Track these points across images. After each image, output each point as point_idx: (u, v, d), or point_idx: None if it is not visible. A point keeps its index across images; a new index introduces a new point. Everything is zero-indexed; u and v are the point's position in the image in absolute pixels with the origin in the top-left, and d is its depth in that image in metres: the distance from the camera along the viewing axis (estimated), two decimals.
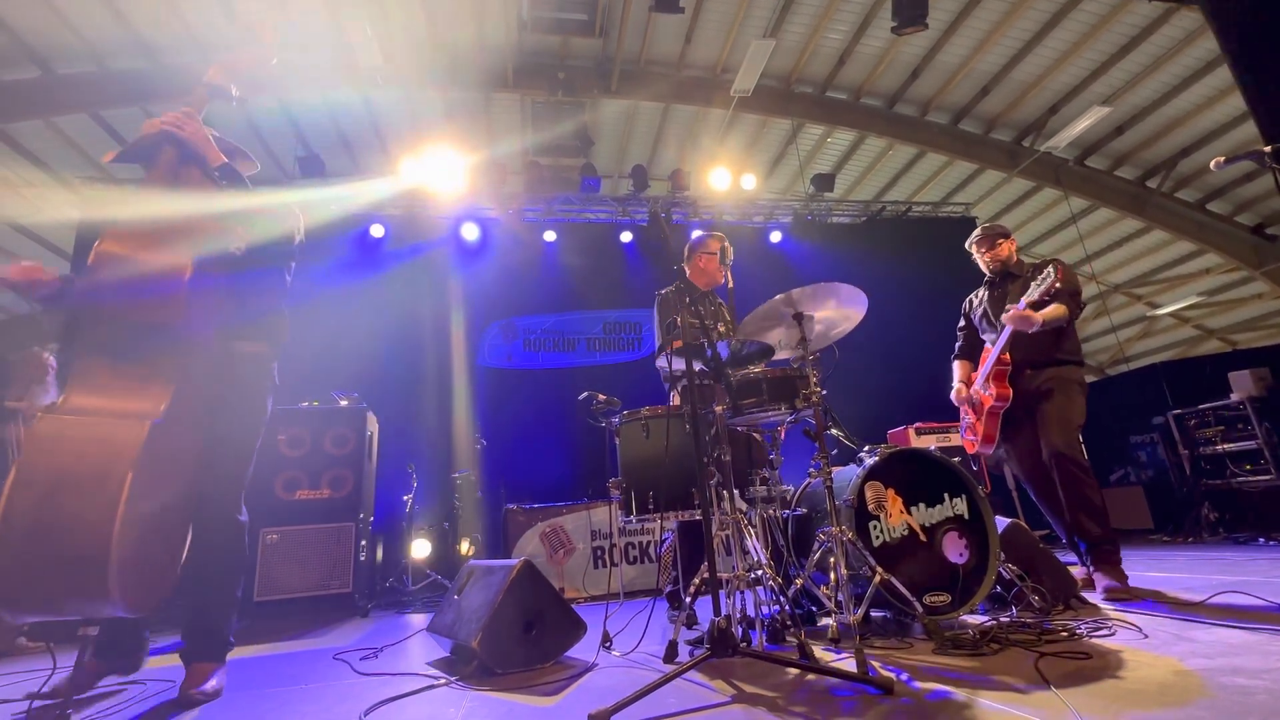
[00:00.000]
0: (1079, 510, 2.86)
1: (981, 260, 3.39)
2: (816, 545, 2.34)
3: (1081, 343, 3.27)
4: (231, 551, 2.12)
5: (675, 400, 3.16)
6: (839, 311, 2.38)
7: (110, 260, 1.75)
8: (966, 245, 3.48)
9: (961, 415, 3.44)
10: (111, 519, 1.55)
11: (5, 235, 8.09)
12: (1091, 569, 2.85)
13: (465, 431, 5.94)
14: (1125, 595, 2.66)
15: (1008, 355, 3.10)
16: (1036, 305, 2.94)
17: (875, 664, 1.87)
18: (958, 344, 3.53)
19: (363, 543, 4.45)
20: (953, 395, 3.40)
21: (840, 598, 2.05)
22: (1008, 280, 3.30)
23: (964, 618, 2.29)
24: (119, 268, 1.77)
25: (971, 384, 3.31)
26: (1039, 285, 2.89)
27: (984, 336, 3.38)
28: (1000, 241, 3.33)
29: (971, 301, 3.51)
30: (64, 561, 1.51)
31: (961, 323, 3.55)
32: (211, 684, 1.98)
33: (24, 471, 1.51)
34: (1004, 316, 3.03)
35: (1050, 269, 2.84)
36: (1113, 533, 2.86)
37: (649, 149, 8.73)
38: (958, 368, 3.48)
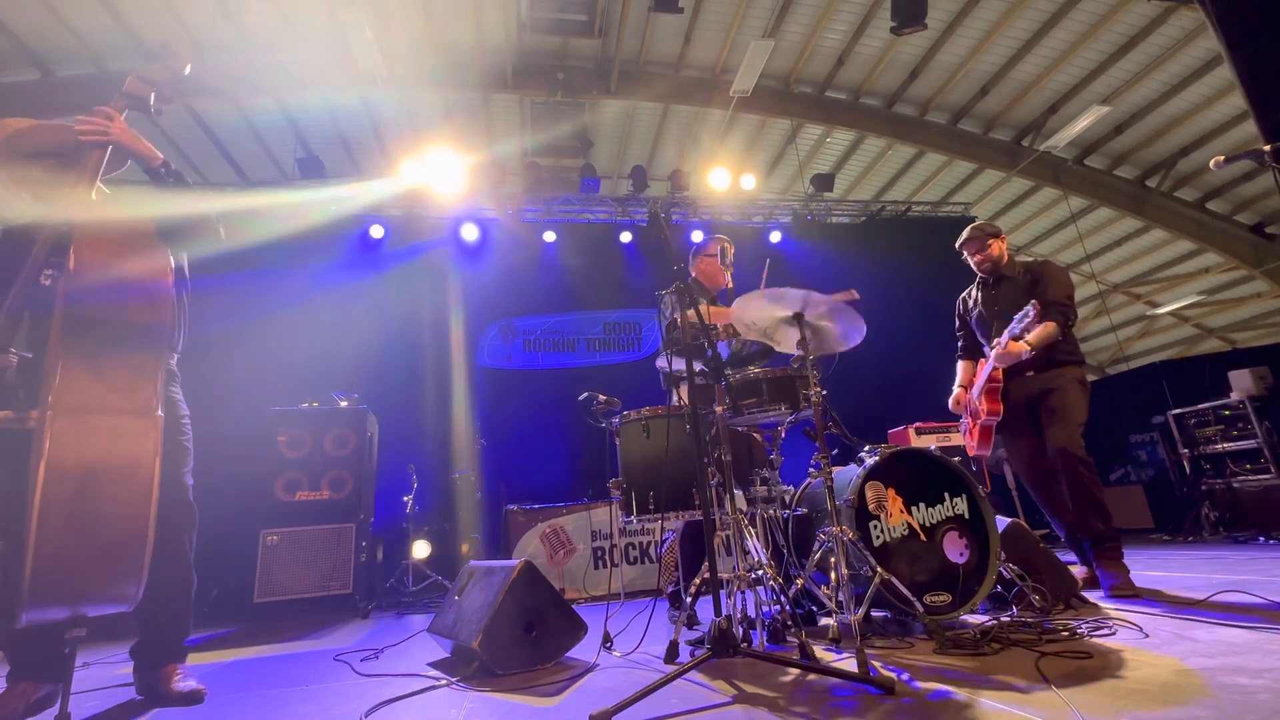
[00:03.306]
0: (1084, 507, 2.87)
1: (972, 262, 3.36)
2: (817, 545, 2.34)
3: (1081, 342, 3.26)
4: (187, 548, 2.15)
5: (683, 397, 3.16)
6: (836, 326, 2.38)
7: (95, 264, 1.76)
8: (956, 246, 3.44)
9: (962, 418, 3.44)
10: (147, 505, 1.63)
11: None
12: (1095, 565, 2.87)
13: (465, 432, 5.93)
14: (1129, 591, 2.68)
15: (999, 373, 3.12)
16: (1019, 336, 2.96)
17: (876, 664, 1.87)
18: (959, 344, 3.53)
19: (363, 544, 4.45)
20: (951, 402, 3.41)
21: (841, 598, 2.06)
22: (1000, 281, 3.28)
23: (965, 617, 2.29)
24: (105, 271, 1.78)
25: (971, 388, 3.31)
26: (1019, 323, 2.87)
27: (980, 339, 3.38)
28: (990, 242, 3.28)
29: (966, 302, 3.49)
30: (105, 549, 1.57)
31: (958, 323, 3.54)
32: (191, 682, 2.03)
33: (54, 467, 1.53)
34: (992, 355, 3.09)
35: (1030, 308, 2.79)
36: (1116, 530, 2.87)
37: (648, 149, 8.74)
38: (961, 368, 3.48)
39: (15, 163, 1.94)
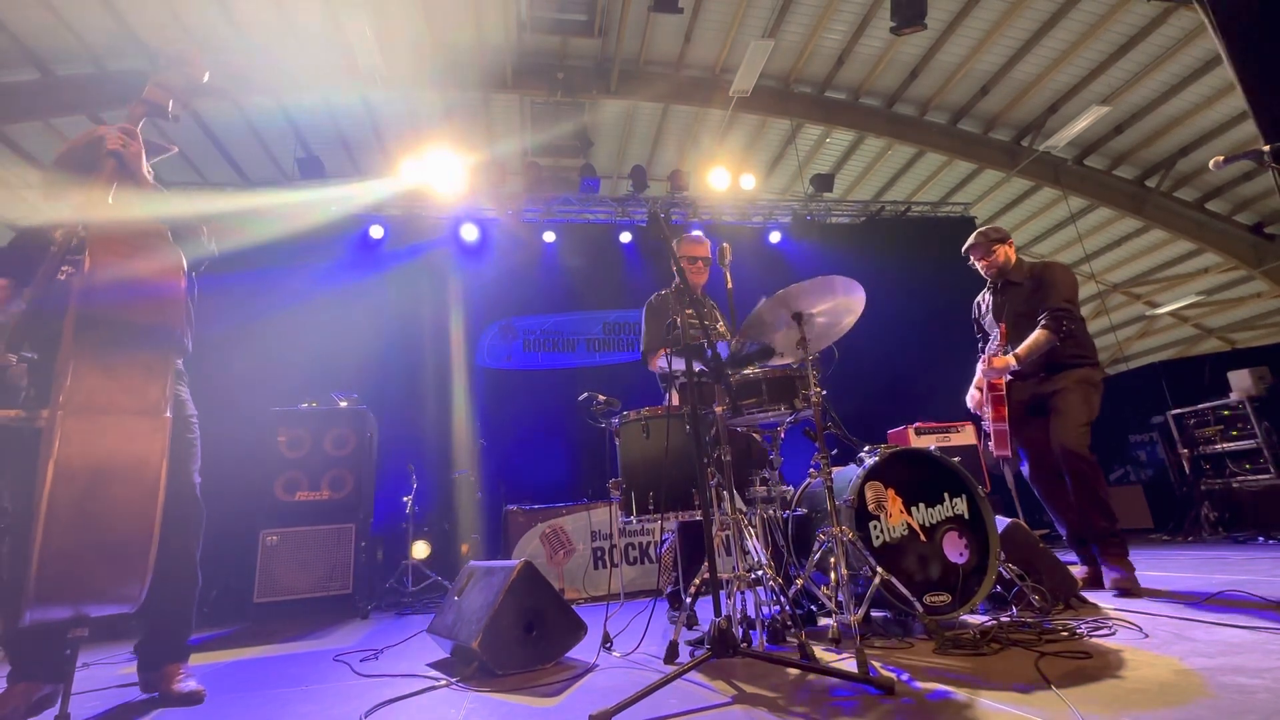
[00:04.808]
0: (1088, 506, 2.91)
1: (979, 267, 3.37)
2: (817, 545, 2.34)
3: None
4: (193, 548, 2.17)
5: (674, 399, 3.16)
6: (837, 304, 2.34)
7: (110, 264, 1.77)
8: (962, 252, 3.44)
9: (982, 420, 3.45)
10: (154, 506, 1.63)
11: (5, 237, 8.09)
12: (1101, 562, 2.91)
13: (465, 432, 5.93)
14: (1130, 586, 2.71)
15: (1000, 381, 3.17)
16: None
17: (876, 664, 1.87)
18: (980, 347, 3.53)
19: (363, 544, 4.45)
20: (968, 401, 3.42)
21: (841, 598, 2.05)
22: (1007, 286, 3.28)
23: (964, 617, 2.29)
24: (119, 270, 1.78)
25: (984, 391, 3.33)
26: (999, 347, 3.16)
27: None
28: (996, 247, 3.28)
29: (980, 306, 3.50)
30: (110, 549, 1.57)
31: (975, 327, 3.55)
32: (192, 683, 2.04)
33: (63, 466, 1.53)
34: (981, 371, 3.25)
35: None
36: (1120, 528, 2.90)
37: (648, 149, 8.73)
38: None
39: (57, 173, 2.08)
